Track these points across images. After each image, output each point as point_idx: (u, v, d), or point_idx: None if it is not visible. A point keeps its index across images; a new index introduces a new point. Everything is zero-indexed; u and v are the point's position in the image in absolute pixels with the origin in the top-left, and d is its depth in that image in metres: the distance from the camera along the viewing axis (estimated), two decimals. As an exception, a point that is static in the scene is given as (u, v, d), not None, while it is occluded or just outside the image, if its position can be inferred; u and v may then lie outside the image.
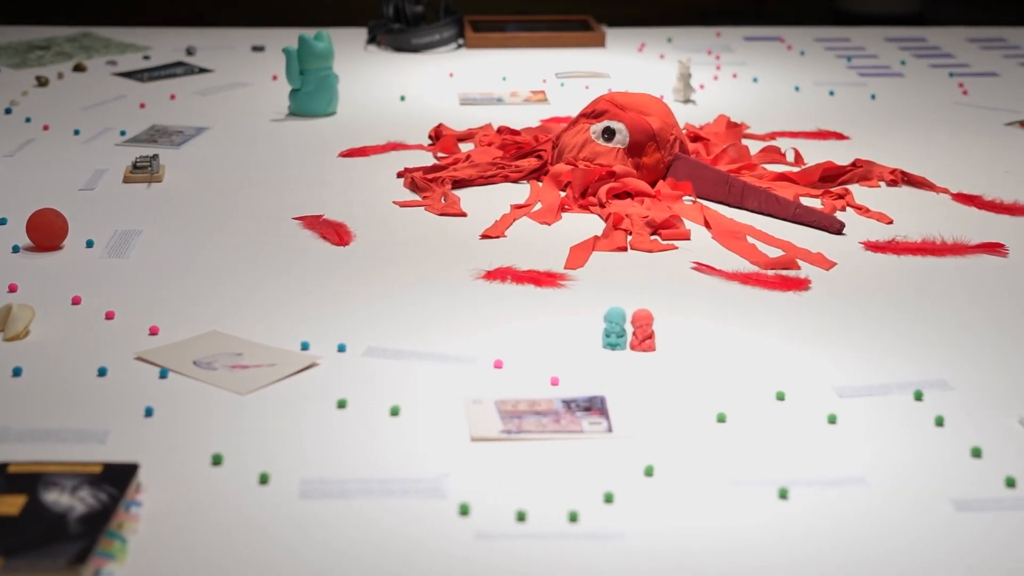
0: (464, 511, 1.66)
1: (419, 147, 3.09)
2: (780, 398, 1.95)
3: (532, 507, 1.68)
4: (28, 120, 3.25)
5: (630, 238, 2.53)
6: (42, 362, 2.04)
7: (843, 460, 1.80)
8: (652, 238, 2.54)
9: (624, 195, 2.72)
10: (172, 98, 3.49)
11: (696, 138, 3.07)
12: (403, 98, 3.52)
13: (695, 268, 2.41)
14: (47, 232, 2.46)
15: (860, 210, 2.70)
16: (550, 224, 2.63)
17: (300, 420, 1.89)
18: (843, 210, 2.70)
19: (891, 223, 2.64)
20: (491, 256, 2.45)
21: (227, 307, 2.24)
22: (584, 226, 2.60)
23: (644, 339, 2.10)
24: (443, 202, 2.72)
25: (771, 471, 1.77)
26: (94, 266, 2.40)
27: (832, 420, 1.89)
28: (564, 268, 2.41)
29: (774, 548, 1.62)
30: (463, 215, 2.67)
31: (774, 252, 2.48)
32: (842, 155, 3.00)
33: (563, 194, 2.75)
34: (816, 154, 3.03)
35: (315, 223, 2.60)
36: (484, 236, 2.56)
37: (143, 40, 4.07)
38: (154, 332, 2.13)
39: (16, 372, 1.99)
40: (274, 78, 3.65)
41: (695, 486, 1.74)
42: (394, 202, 2.74)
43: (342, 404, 1.92)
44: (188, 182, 2.85)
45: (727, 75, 3.80)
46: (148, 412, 1.88)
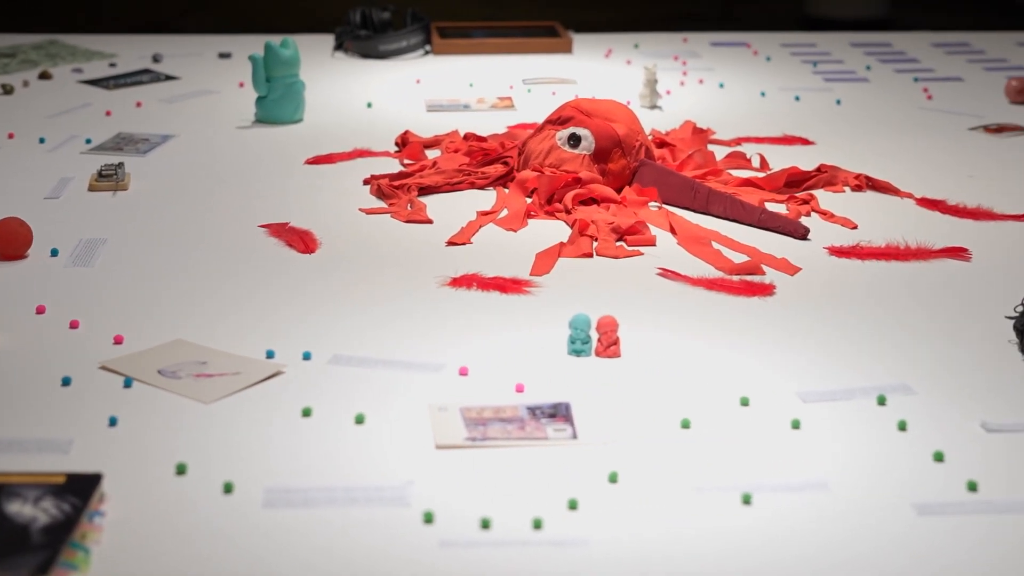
0: (428, 519, 1.66)
1: (385, 154, 3.09)
2: (744, 403, 1.96)
3: (496, 514, 1.68)
4: (-7, 128, 3.24)
5: (596, 244, 2.54)
6: (5, 371, 2.03)
7: (806, 465, 1.81)
8: (618, 244, 2.55)
9: (590, 201, 2.73)
10: (138, 106, 3.48)
11: (662, 144, 3.08)
12: (370, 105, 3.52)
13: (661, 274, 2.42)
14: (11, 241, 2.45)
15: (825, 215, 2.71)
16: (516, 231, 2.63)
17: (265, 429, 1.88)
18: (808, 215, 2.71)
19: (855, 228, 2.65)
20: (457, 263, 2.45)
21: (192, 315, 2.24)
22: (550, 232, 2.61)
23: (609, 345, 2.10)
24: (409, 209, 2.72)
25: (735, 476, 1.78)
26: (59, 275, 2.39)
27: (796, 425, 1.90)
28: (530, 275, 2.41)
29: (738, 554, 1.62)
30: (429, 222, 2.67)
31: (739, 257, 2.49)
32: (807, 160, 3.01)
33: (529, 200, 2.76)
34: (781, 159, 3.04)
35: (281, 231, 2.60)
36: (450, 243, 2.56)
37: (109, 47, 4.06)
38: (119, 341, 2.13)
39: (-21, 382, 1.99)
40: (240, 85, 3.65)
41: (659, 492, 1.74)
42: (360, 209, 2.74)
43: (307, 412, 1.92)
44: (154, 190, 2.84)
45: (693, 81, 3.81)
46: (112, 422, 1.88)
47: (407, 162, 3.03)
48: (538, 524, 1.66)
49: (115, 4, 5.91)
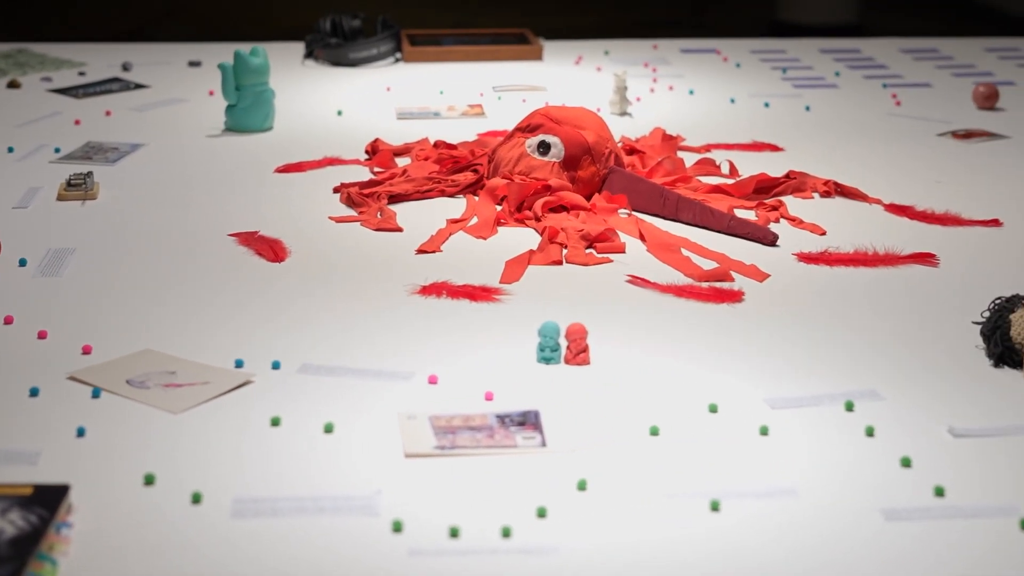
0: (397, 528, 1.66)
1: (356, 162, 3.09)
2: (713, 410, 1.96)
3: (465, 523, 1.68)
4: (-39, 138, 3.23)
5: (565, 252, 2.54)
6: (-27, 383, 2.03)
7: (775, 472, 1.81)
8: (587, 251, 2.55)
9: (559, 209, 2.74)
10: (108, 114, 3.47)
11: (632, 151, 3.08)
12: (340, 113, 3.52)
13: (630, 281, 2.43)
14: (-21, 251, 2.45)
15: (794, 221, 2.72)
16: (486, 238, 2.64)
17: (234, 438, 1.88)
18: (777, 222, 2.72)
19: (824, 234, 2.66)
20: (427, 271, 2.45)
21: (161, 325, 2.23)
22: (520, 240, 2.61)
23: (578, 353, 2.10)
24: (379, 217, 2.72)
25: (703, 483, 1.78)
26: (27, 285, 2.39)
27: (764, 432, 1.91)
28: (499, 282, 2.41)
29: (706, 560, 1.63)
30: (399, 230, 2.67)
31: (708, 264, 2.49)
32: (776, 167, 3.02)
33: (499, 208, 2.76)
34: (751, 166, 3.05)
35: (251, 239, 2.59)
36: (420, 251, 2.56)
37: (79, 56, 4.05)
38: (87, 351, 2.12)
39: (-53, 393, 1.98)
40: (210, 94, 3.64)
41: (628, 499, 1.74)
42: (330, 217, 2.73)
43: (276, 422, 1.92)
44: (123, 199, 2.84)
45: (663, 87, 3.82)
46: (80, 432, 1.87)
47: (377, 170, 3.03)
48: (507, 532, 1.66)
49: (84, 13, 5.89)
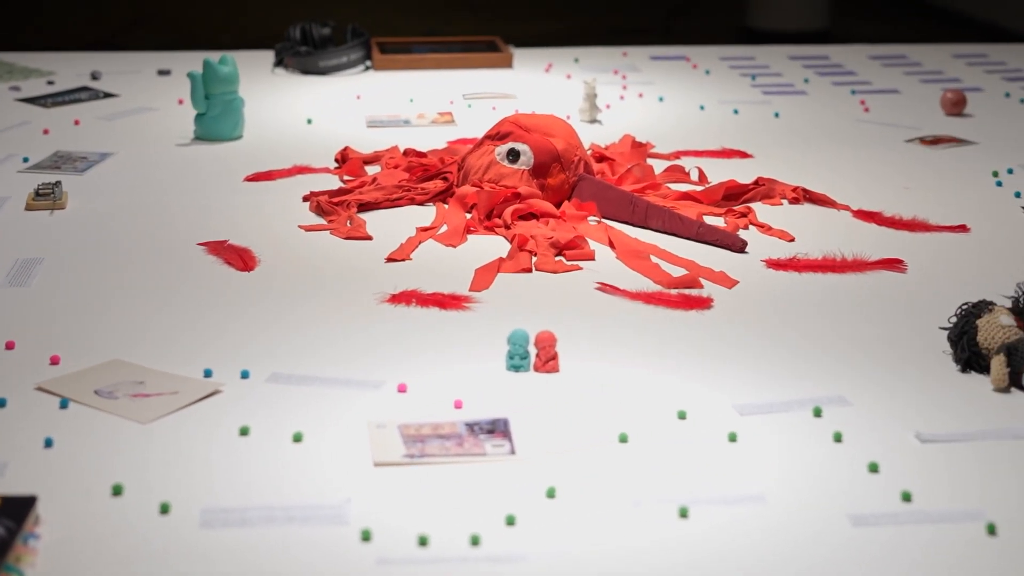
0: (366, 536, 1.66)
1: (325, 170, 3.09)
2: (681, 417, 1.97)
3: (434, 531, 1.68)
4: (-71, 148, 3.22)
5: (535, 259, 2.54)
6: (-60, 394, 2.02)
7: (743, 478, 1.82)
8: (557, 259, 2.56)
9: (529, 216, 2.74)
10: (76, 123, 3.46)
11: (601, 158, 3.09)
12: (310, 121, 3.52)
13: (599, 288, 2.43)
14: (-53, 262, 2.44)
15: (762, 228, 2.73)
16: (456, 246, 2.64)
17: (202, 448, 1.88)
18: (745, 228, 2.73)
19: (793, 240, 2.67)
20: (396, 279, 2.45)
21: (130, 335, 2.23)
22: (489, 248, 2.61)
23: (547, 360, 2.11)
24: (349, 226, 2.72)
25: (672, 490, 1.78)
26: (-5, 295, 2.38)
27: (732, 438, 1.91)
28: (469, 290, 2.42)
29: (675, 567, 1.63)
30: (369, 238, 2.67)
31: (677, 271, 2.50)
32: (745, 173, 3.03)
33: (469, 216, 2.76)
34: (720, 173, 3.06)
35: (220, 249, 2.59)
36: (389, 259, 2.56)
37: (47, 65, 4.04)
38: (55, 362, 2.12)
39: (-87, 405, 1.97)
40: (180, 102, 3.63)
41: (597, 506, 1.75)
42: (300, 226, 2.73)
43: (245, 431, 1.91)
44: (92, 209, 2.83)
45: (633, 95, 3.83)
46: (48, 443, 1.87)
47: (347, 178, 3.03)
48: (476, 540, 1.66)
49: (53, 21, 5.87)
